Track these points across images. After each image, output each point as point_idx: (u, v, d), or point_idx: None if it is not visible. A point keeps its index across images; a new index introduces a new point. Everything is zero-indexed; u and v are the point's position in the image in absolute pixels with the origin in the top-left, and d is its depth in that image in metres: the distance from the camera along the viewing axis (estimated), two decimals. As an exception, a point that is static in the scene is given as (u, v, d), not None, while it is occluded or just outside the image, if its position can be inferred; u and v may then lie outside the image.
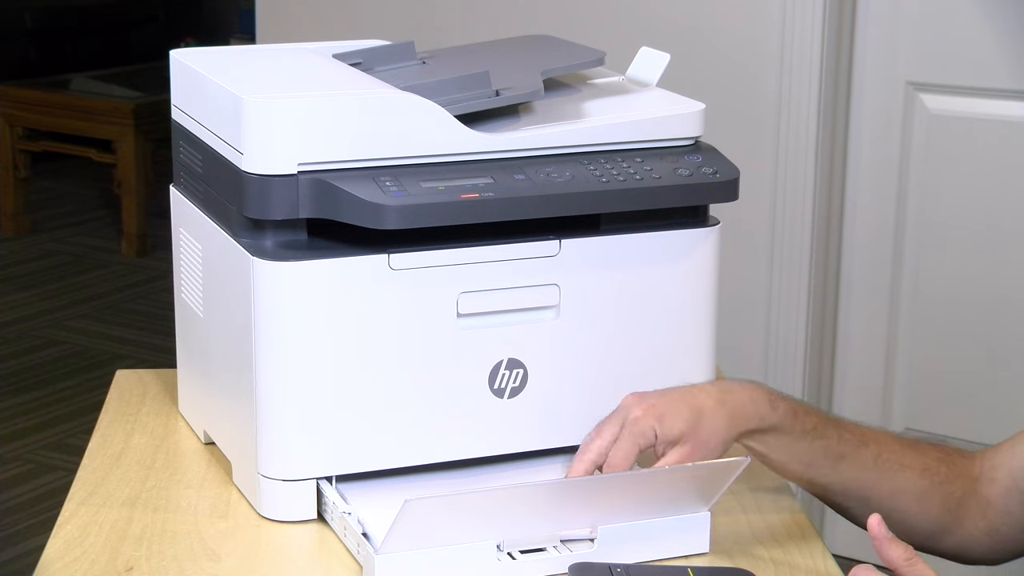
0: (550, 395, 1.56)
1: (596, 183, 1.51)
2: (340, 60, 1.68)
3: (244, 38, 5.51)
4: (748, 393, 1.50)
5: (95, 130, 5.33)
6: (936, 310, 3.00)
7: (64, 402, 4.09)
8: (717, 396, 1.49)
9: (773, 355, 3.07)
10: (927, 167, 2.98)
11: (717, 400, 1.48)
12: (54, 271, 5.13)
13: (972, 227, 2.96)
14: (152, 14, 6.55)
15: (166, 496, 1.57)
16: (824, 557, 1.49)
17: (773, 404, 1.50)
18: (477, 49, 1.82)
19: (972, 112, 2.93)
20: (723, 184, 1.56)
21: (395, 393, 1.50)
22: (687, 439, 1.47)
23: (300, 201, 1.46)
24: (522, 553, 1.41)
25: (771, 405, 1.50)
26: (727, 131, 2.75)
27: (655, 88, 1.68)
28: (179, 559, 1.45)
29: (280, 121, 1.45)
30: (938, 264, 2.99)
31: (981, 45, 2.89)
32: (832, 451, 1.50)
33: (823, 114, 3.01)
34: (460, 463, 1.56)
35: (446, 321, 1.50)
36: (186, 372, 1.73)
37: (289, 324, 1.46)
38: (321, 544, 1.48)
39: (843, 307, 3.10)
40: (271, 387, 1.48)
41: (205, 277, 1.61)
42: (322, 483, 1.51)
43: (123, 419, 1.74)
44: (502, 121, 1.56)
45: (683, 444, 1.47)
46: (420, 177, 1.47)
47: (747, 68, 3.05)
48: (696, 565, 1.43)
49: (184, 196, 1.67)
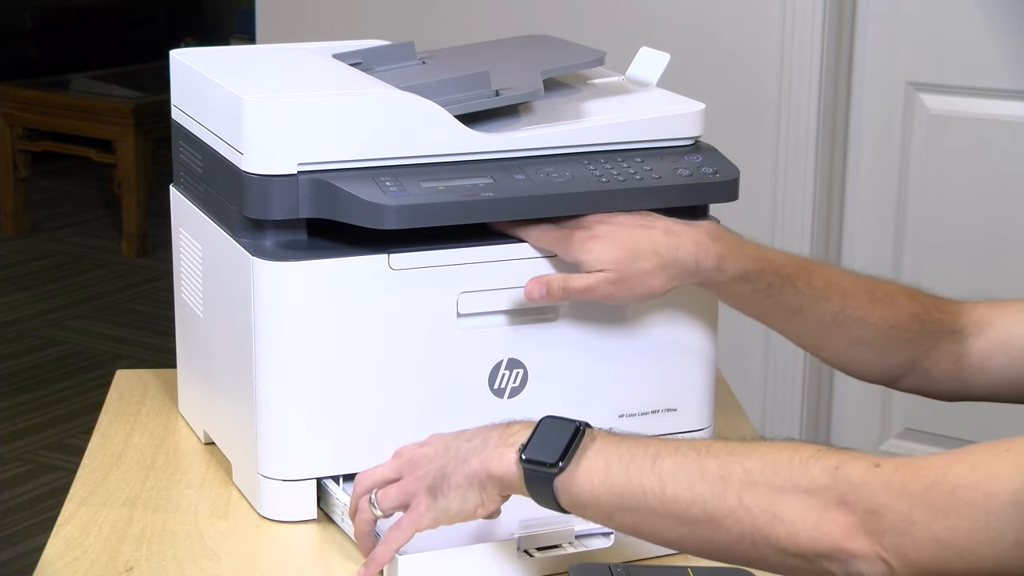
0: (550, 395, 1.56)
1: (596, 183, 1.51)
2: (340, 60, 1.68)
3: (244, 38, 5.51)
4: (695, 244, 1.49)
5: (95, 130, 5.33)
6: (936, 310, 3.00)
7: (64, 402, 4.09)
8: (659, 241, 1.48)
9: (773, 355, 3.08)
10: (927, 167, 2.98)
11: (656, 246, 1.48)
12: (54, 271, 5.13)
13: (972, 227, 2.96)
14: (152, 14, 6.55)
15: (166, 496, 1.57)
16: (824, 557, 1.49)
17: (721, 261, 1.48)
18: (477, 49, 1.82)
19: (972, 112, 2.93)
20: (723, 184, 1.56)
21: (395, 393, 1.50)
22: (614, 273, 1.48)
23: (300, 201, 1.46)
24: (539, 551, 1.41)
25: (718, 262, 1.48)
26: (727, 131, 2.75)
27: (655, 88, 1.68)
28: (179, 559, 1.45)
29: (280, 121, 1.45)
30: (938, 264, 2.99)
31: (981, 45, 2.89)
32: (785, 306, 1.51)
33: (823, 114, 3.01)
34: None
35: (446, 321, 1.50)
36: (186, 372, 1.73)
37: (289, 324, 1.46)
38: (321, 544, 1.48)
39: (843, 307, 3.10)
40: (271, 387, 1.48)
41: (205, 277, 1.61)
42: (328, 483, 1.51)
43: (123, 419, 1.74)
44: (502, 121, 1.56)
45: (607, 274, 1.48)
46: (420, 177, 1.47)
47: (747, 68, 3.05)
48: (696, 565, 1.43)
49: (184, 196, 1.67)
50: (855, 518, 1.14)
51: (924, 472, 1.14)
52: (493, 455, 1.29)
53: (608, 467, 1.24)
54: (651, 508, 1.22)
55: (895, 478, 1.14)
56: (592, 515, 1.27)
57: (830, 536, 1.15)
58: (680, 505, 1.21)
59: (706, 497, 1.20)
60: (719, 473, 1.20)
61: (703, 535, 1.21)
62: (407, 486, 1.35)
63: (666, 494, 1.21)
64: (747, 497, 1.18)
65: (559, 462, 1.25)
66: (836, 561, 1.15)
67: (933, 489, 1.12)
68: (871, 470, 1.15)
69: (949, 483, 1.12)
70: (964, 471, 1.12)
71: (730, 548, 1.20)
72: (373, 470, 1.39)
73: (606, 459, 1.24)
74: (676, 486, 1.21)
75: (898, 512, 1.13)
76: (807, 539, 1.16)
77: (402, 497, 1.35)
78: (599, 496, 1.24)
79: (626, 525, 1.25)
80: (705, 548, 1.23)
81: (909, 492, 1.13)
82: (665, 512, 1.21)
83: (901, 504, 1.13)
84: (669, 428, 1.61)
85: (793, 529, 1.16)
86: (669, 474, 1.21)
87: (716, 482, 1.19)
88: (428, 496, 1.33)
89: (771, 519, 1.17)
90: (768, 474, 1.18)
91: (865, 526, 1.14)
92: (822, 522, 1.15)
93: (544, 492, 1.27)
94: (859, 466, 1.16)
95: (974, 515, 1.11)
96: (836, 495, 1.15)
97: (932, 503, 1.12)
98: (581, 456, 1.25)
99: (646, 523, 1.23)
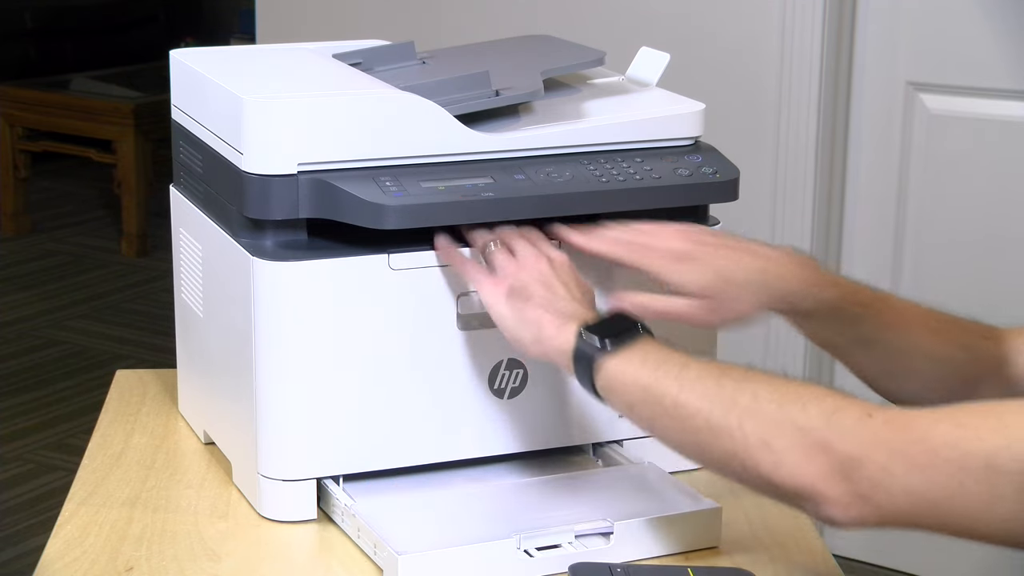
0: (550, 395, 1.56)
1: (596, 183, 1.51)
2: (340, 60, 1.68)
3: (244, 38, 5.51)
4: (783, 268, 1.45)
5: (95, 130, 5.33)
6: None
7: (64, 402, 4.09)
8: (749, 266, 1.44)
9: (773, 355, 3.08)
10: (927, 167, 2.98)
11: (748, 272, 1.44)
12: (54, 271, 5.13)
13: (972, 227, 2.96)
14: (152, 14, 6.55)
15: (166, 496, 1.57)
16: (824, 557, 1.49)
17: (808, 287, 1.45)
18: (477, 49, 1.82)
19: (972, 112, 2.93)
20: (723, 184, 1.56)
21: (395, 393, 1.50)
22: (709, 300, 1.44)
23: (300, 201, 1.46)
24: (539, 550, 1.41)
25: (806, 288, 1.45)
26: (727, 131, 2.75)
27: (655, 88, 1.68)
28: (179, 559, 1.45)
29: (280, 121, 1.45)
30: (938, 264, 2.99)
31: (981, 45, 2.89)
32: (862, 338, 1.48)
33: (823, 114, 3.01)
34: (460, 463, 1.56)
35: (446, 321, 1.50)
36: (186, 372, 1.73)
37: (289, 324, 1.46)
38: (321, 544, 1.48)
39: (843, 307, 3.10)
40: (271, 387, 1.48)
41: (205, 277, 1.61)
42: (329, 483, 1.51)
43: (123, 419, 1.74)
44: (502, 121, 1.56)
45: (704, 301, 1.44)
46: (420, 177, 1.47)
47: (747, 68, 3.05)
48: (696, 565, 1.44)
49: (184, 196, 1.67)
50: (836, 462, 1.19)
51: (911, 427, 1.19)
52: (563, 326, 1.39)
53: (644, 363, 1.33)
54: (665, 408, 1.30)
55: (883, 431, 1.19)
56: (617, 402, 1.36)
57: (809, 475, 1.21)
58: (688, 411, 1.29)
59: (712, 410, 1.27)
60: (731, 392, 1.27)
61: (702, 444, 1.28)
62: (515, 270, 1.45)
63: (679, 399, 1.29)
64: (747, 421, 1.25)
65: (607, 343, 1.35)
66: (810, 501, 1.21)
67: (916, 444, 1.17)
68: (863, 419, 1.20)
69: (931, 440, 1.17)
70: (948, 429, 1.17)
71: (723, 463, 1.27)
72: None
73: (645, 355, 1.34)
74: (691, 394, 1.29)
75: (878, 462, 1.18)
76: (788, 473, 1.22)
77: (508, 267, 1.45)
78: (627, 386, 1.34)
79: (642, 419, 1.34)
80: (702, 457, 1.30)
81: (892, 445, 1.18)
82: (675, 415, 1.30)
83: (882, 455, 1.18)
84: (669, 428, 1.61)
85: (779, 460, 1.22)
86: (689, 382, 1.30)
87: (725, 399, 1.27)
88: (508, 294, 1.43)
89: (762, 446, 1.23)
90: (772, 405, 1.24)
91: (844, 471, 1.19)
92: (805, 460, 1.21)
93: (584, 368, 1.36)
94: (853, 414, 1.21)
95: (950, 472, 1.16)
96: (824, 437, 1.20)
97: (912, 458, 1.17)
98: (628, 348, 1.35)
99: (658, 422, 1.32)
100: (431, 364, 1.51)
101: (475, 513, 1.48)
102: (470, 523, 1.45)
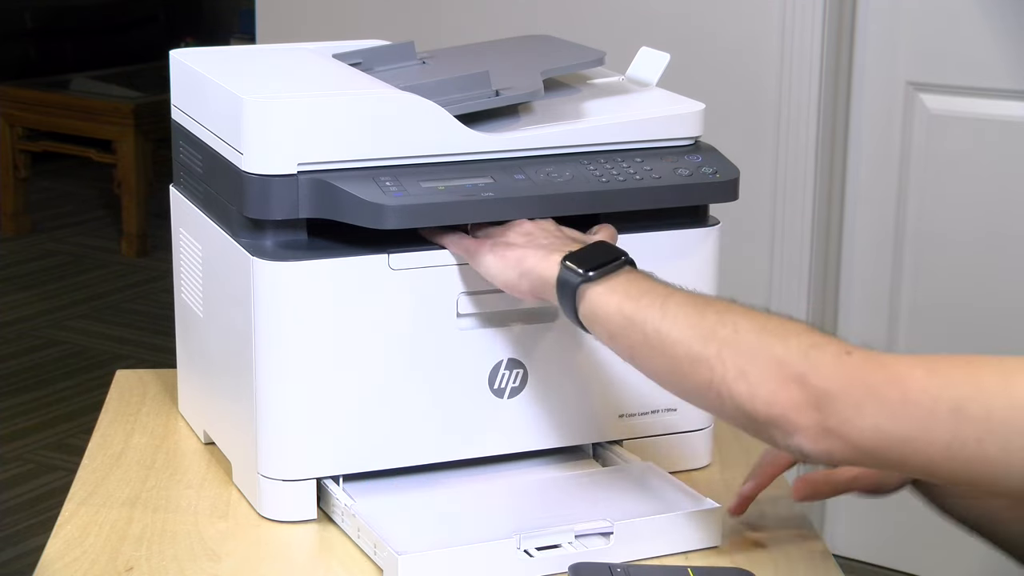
0: (550, 395, 1.56)
1: (596, 183, 1.51)
2: (340, 60, 1.68)
3: (244, 38, 5.51)
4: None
5: (95, 130, 5.33)
6: (936, 310, 3.00)
7: (64, 402, 4.09)
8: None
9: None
10: (927, 167, 2.98)
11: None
12: (54, 271, 5.13)
13: (972, 227, 2.96)
14: (152, 14, 6.55)
15: (166, 496, 1.57)
16: (824, 557, 1.49)
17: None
18: (477, 49, 1.82)
19: (972, 112, 2.93)
20: (723, 184, 1.56)
21: (395, 393, 1.50)
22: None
23: (300, 201, 1.46)
24: (539, 550, 1.41)
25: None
26: (727, 131, 2.75)
27: (655, 88, 1.68)
28: (179, 559, 1.45)
29: (280, 121, 1.45)
30: (938, 264, 2.99)
31: (981, 45, 2.89)
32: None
33: (823, 114, 3.01)
34: (460, 463, 1.56)
35: (446, 321, 1.50)
36: (186, 372, 1.73)
37: (289, 324, 1.46)
38: (321, 544, 1.48)
39: (843, 307, 3.10)
40: (271, 387, 1.48)
41: (205, 277, 1.61)
42: (329, 483, 1.51)
43: (123, 419, 1.74)
44: (502, 121, 1.56)
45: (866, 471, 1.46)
46: (420, 177, 1.47)
47: (747, 68, 3.05)
48: (696, 565, 1.44)
49: (184, 196, 1.67)
50: (811, 395, 1.22)
51: (887, 368, 1.21)
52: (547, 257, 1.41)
53: (627, 292, 1.35)
54: (646, 337, 1.32)
55: (859, 370, 1.21)
56: (599, 331, 1.37)
57: (782, 405, 1.23)
58: (668, 340, 1.31)
59: (692, 340, 1.29)
60: (712, 323, 1.29)
61: (680, 372, 1.30)
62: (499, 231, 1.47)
63: (661, 327, 1.31)
64: (726, 351, 1.27)
65: (590, 272, 1.37)
66: (781, 431, 1.24)
67: (890, 385, 1.20)
68: (841, 356, 1.22)
69: (905, 383, 1.19)
70: (922, 375, 1.19)
71: (700, 392, 1.29)
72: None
73: (628, 285, 1.36)
74: (672, 323, 1.31)
75: (851, 398, 1.20)
76: (762, 403, 1.24)
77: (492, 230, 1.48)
78: (610, 314, 1.36)
79: (624, 348, 1.36)
80: (680, 386, 1.32)
81: (867, 383, 1.20)
82: (655, 343, 1.32)
83: (856, 392, 1.20)
84: (669, 428, 1.61)
85: (753, 390, 1.24)
86: (671, 311, 1.32)
87: (706, 330, 1.29)
88: (492, 245, 1.45)
89: (739, 376, 1.25)
90: (752, 336, 1.27)
91: (817, 404, 1.21)
92: (780, 390, 1.23)
93: (567, 297, 1.38)
94: (832, 351, 1.23)
95: (919, 415, 1.18)
96: (801, 370, 1.22)
97: (884, 397, 1.20)
98: (611, 276, 1.37)
99: (639, 351, 1.34)
100: (431, 364, 1.51)
101: (475, 513, 1.48)
102: (470, 523, 1.45)
